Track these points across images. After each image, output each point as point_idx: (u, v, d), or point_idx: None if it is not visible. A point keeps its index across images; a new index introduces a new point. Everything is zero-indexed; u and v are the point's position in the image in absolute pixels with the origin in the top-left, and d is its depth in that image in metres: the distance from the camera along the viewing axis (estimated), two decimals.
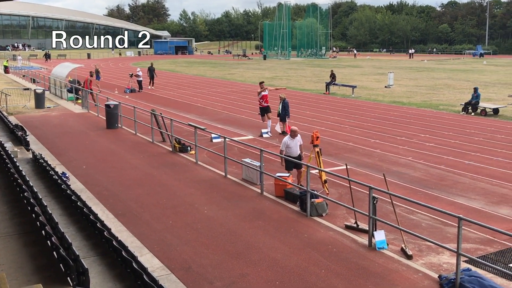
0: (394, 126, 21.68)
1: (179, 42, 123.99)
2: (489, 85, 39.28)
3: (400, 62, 76.63)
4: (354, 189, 11.52)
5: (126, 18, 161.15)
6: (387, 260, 8.55)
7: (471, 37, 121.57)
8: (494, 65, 68.32)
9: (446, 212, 8.67)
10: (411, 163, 15.41)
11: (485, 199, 11.95)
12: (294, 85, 41.45)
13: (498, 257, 8.80)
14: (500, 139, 18.98)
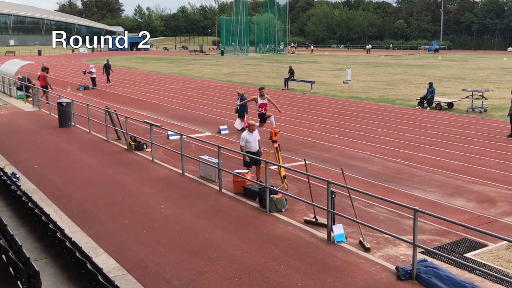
0: (352, 121, 22.05)
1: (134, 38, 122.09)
2: (443, 80, 40.45)
3: (357, 58, 77.93)
4: (313, 184, 11.67)
5: (79, 13, 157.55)
6: (345, 254, 8.71)
7: (426, 33, 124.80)
8: (448, 60, 70.41)
9: (402, 204, 8.90)
10: (369, 157, 15.72)
11: (440, 191, 12.32)
12: (253, 81, 41.55)
13: (453, 248, 9.09)
14: (454, 132, 19.59)
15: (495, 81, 38.93)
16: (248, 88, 35.51)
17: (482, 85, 35.07)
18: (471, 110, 24.75)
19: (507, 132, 18.83)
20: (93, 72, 35.39)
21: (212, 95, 32.15)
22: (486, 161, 15.07)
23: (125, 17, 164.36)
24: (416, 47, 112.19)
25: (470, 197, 11.86)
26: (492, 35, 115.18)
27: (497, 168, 14.31)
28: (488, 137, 18.52)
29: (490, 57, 78.56)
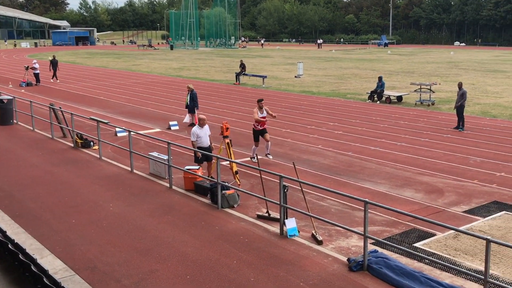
0: (304, 115, 22.31)
1: (80, 32, 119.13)
2: (393, 74, 41.49)
3: (309, 52, 78.81)
4: (266, 179, 11.77)
5: (20, 7, 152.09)
6: (298, 247, 8.82)
7: (376, 28, 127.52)
8: (398, 54, 72.24)
9: (353, 197, 9.09)
10: (321, 151, 15.95)
11: (390, 183, 12.66)
12: (203, 75, 41.36)
13: (402, 238, 9.37)
14: (403, 125, 20.14)
15: (442, 75, 40.25)
16: (198, 83, 35.34)
17: (430, 78, 36.20)
18: (420, 103, 25.50)
19: (454, 124, 19.52)
20: (36, 67, 34.29)
21: (161, 90, 31.78)
22: (433, 153, 15.58)
23: (69, 11, 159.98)
24: (366, 42, 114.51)
25: (418, 188, 12.23)
26: (440, 29, 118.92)
27: (444, 160, 14.82)
28: (436, 130, 19.14)
29: (438, 51, 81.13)
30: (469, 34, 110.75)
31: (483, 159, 14.91)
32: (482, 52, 75.86)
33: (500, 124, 20.35)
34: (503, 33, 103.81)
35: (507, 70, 44.23)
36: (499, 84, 33.82)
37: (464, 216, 10.41)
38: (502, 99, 27.21)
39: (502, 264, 8.25)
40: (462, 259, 8.45)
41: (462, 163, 14.47)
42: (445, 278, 7.74)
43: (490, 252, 6.54)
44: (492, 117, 21.95)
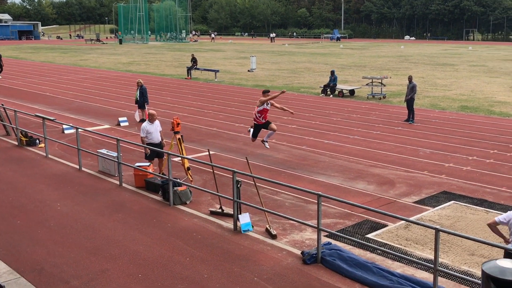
0: None
1: (23, 26, 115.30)
2: (345, 68, 42.18)
3: (262, 46, 79.06)
4: (219, 174, 11.77)
5: None
6: (252, 242, 8.87)
7: (328, 22, 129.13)
8: (350, 48, 73.44)
9: (306, 190, 9.22)
10: (275, 145, 16.06)
11: (343, 176, 12.90)
12: (154, 70, 40.87)
13: (355, 229, 9.57)
14: (356, 118, 20.53)
15: (393, 69, 41.22)
16: (149, 77, 34.90)
17: (381, 72, 36.99)
18: (371, 97, 26.04)
19: (404, 117, 20.04)
20: None
21: (110, 86, 31.20)
22: (385, 145, 15.96)
23: (11, 3, 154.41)
24: (319, 36, 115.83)
25: (371, 180, 12.51)
26: (390, 24, 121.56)
27: (395, 152, 15.20)
28: (387, 122, 19.61)
29: (389, 45, 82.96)
30: (419, 28, 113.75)
31: (432, 150, 15.37)
32: (431, 46, 78.10)
33: (448, 116, 21.03)
34: (451, 27, 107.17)
35: (455, 63, 45.73)
36: (448, 77, 34.93)
37: (414, 207, 10.73)
38: (450, 91, 28.12)
39: (451, 252, 8.55)
40: (413, 248, 8.71)
41: (412, 154, 14.88)
42: (396, 268, 7.96)
43: (439, 241, 6.76)
44: (441, 109, 22.65)
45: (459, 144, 16.07)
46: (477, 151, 15.23)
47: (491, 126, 18.90)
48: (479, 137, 17.00)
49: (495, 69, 40.14)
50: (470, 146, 15.85)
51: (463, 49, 69.35)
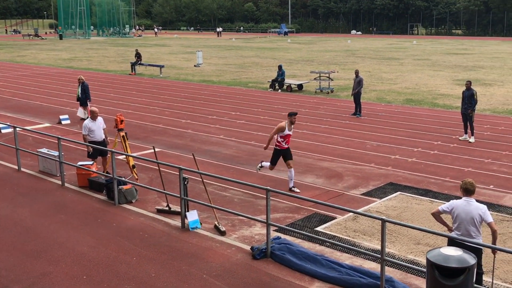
0: (205, 105, 22.32)
1: None
2: (293, 62, 42.59)
3: (208, 41, 78.74)
4: (165, 172, 11.68)
5: None
6: (200, 239, 8.85)
7: (275, 16, 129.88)
8: (297, 43, 74.17)
9: (255, 185, 9.28)
10: (223, 141, 16.07)
11: None
12: (96, 66, 40.01)
13: (305, 223, 9.71)
14: (304, 113, 20.78)
15: (340, 63, 41.95)
16: (91, 74, 34.16)
17: (329, 67, 37.59)
18: (319, 91, 26.43)
19: (352, 111, 20.46)
20: None
21: (50, 83, 30.32)
22: (333, 139, 16.24)
23: None
24: (266, 30, 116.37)
25: (319, 174, 12.72)
26: (337, 18, 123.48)
27: (343, 145, 15.51)
28: (335, 116, 19.96)
29: (336, 39, 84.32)
30: (365, 23, 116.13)
31: (379, 143, 15.77)
32: (377, 41, 79.92)
33: (394, 109, 21.61)
34: (396, 22, 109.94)
35: (401, 58, 46.99)
36: (393, 71, 35.86)
37: (362, 199, 10.98)
38: (396, 85, 28.89)
39: (398, 242, 8.81)
40: (361, 239, 8.92)
41: (359, 147, 15.22)
42: (345, 259, 8.14)
43: (385, 231, 6.95)
44: (387, 102, 23.25)
45: (405, 137, 16.55)
46: (422, 142, 15.73)
47: (435, 118, 19.56)
48: (424, 129, 17.57)
49: (439, 63, 41.52)
50: (415, 138, 16.36)
51: (408, 43, 71.33)
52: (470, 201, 6.74)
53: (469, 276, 5.59)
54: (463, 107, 15.93)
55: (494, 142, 15.66)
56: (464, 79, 26.95)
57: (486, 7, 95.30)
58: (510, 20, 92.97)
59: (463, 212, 6.68)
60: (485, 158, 14.04)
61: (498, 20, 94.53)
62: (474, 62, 41.59)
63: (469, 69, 36.83)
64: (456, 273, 5.57)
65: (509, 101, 23.30)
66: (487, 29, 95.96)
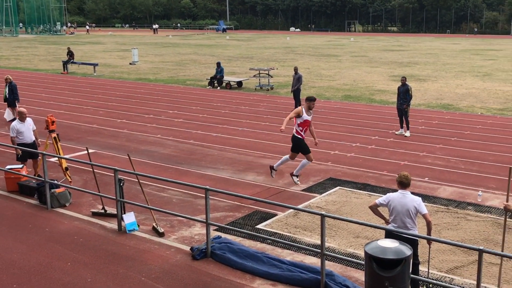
0: (141, 104, 21.99)
1: None
2: (232, 59, 42.64)
3: (144, 38, 77.61)
4: (100, 174, 11.44)
5: None
6: (138, 242, 8.72)
7: (213, 13, 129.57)
8: (236, 40, 74.32)
9: (193, 185, 9.24)
10: (160, 140, 15.89)
11: (233, 168, 13.07)
12: (25, 65, 38.63)
13: (245, 221, 9.75)
14: (244, 110, 20.86)
15: (280, 60, 42.36)
16: (20, 73, 32.96)
17: (268, 64, 37.90)
18: (259, 88, 26.59)
19: (292, 108, 20.67)
20: None
21: None
22: (274, 136, 16.38)
23: None
24: (204, 27, 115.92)
25: (260, 171, 12.81)
26: (276, 15, 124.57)
27: (284, 142, 15.64)
28: (275, 113, 20.13)
29: (275, 36, 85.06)
30: (303, 20, 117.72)
31: (319, 139, 15.91)
32: (315, 38, 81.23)
33: (333, 105, 22.04)
34: (334, 19, 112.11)
35: (339, 54, 47.98)
36: (332, 68, 36.57)
37: (303, 194, 11.15)
38: (335, 81, 29.48)
39: (338, 236, 9.00)
40: (302, 235, 9.05)
41: None
42: (286, 256, 8.24)
43: (325, 226, 7.08)
44: (326, 99, 23.68)
45: (344, 132, 16.91)
46: (360, 138, 16.13)
47: (372, 113, 20.10)
48: (362, 125, 18.02)
49: (375, 59, 42.68)
50: (353, 133, 16.75)
51: (345, 40, 72.92)
52: (405, 193, 6.96)
53: (405, 267, 5.79)
54: (399, 102, 16.44)
55: (428, 136, 16.26)
56: (399, 75, 27.81)
57: (420, 4, 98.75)
58: (442, 17, 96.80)
59: (399, 204, 6.90)
60: (420, 151, 14.56)
61: (432, 17, 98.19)
62: (409, 59, 43.02)
63: (404, 65, 38.07)
64: (393, 265, 5.75)
65: (442, 96, 24.27)
66: (421, 26, 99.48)
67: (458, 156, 14.06)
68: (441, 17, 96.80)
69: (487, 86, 27.13)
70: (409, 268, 5.87)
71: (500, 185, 11.57)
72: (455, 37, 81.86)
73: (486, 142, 15.62)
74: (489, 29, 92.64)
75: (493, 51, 50.53)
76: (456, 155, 14.21)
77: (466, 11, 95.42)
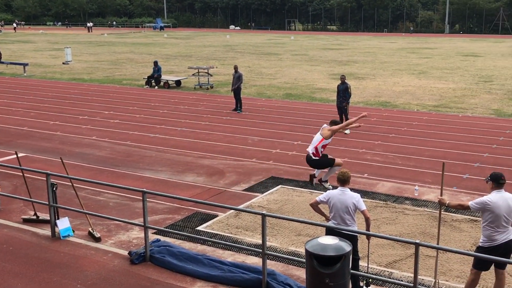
0: (76, 105, 21.44)
1: None
2: (170, 58, 42.25)
3: (78, 36, 75.70)
4: (32, 178, 11.06)
5: None
6: (73, 248, 8.49)
7: (150, 10, 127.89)
8: (174, 38, 73.70)
9: (130, 188, 9.08)
10: (96, 142, 15.55)
11: (172, 169, 12.94)
12: None
13: (185, 223, 9.67)
14: (183, 109, 20.71)
15: (220, 58, 42.33)
16: None
17: (208, 62, 37.80)
18: (199, 87, 26.48)
19: (232, 107, 20.72)
20: None
21: None
22: (214, 136, 16.35)
23: None
24: (141, 25, 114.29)
25: (200, 172, 12.74)
26: (215, 13, 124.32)
27: (224, 141, 15.67)
28: (215, 112, 20.10)
29: (214, 34, 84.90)
30: (243, 18, 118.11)
31: (260, 138, 16.14)
32: (256, 36, 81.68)
33: (274, 104, 22.23)
34: (274, 17, 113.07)
35: (279, 53, 48.44)
36: (273, 66, 36.87)
37: (244, 194, 11.17)
38: (275, 80, 29.74)
39: (280, 235, 9.08)
40: (243, 235, 9.07)
41: (241, 143, 15.47)
42: (227, 257, 8.23)
43: (266, 226, 7.12)
44: (267, 97, 23.86)
45: (285, 130, 17.08)
46: (302, 136, 16.33)
47: (313, 111, 20.41)
48: (303, 123, 18.26)
49: (315, 58, 43.38)
50: (295, 131, 16.95)
51: (286, 38, 73.71)
52: (344, 190, 7.10)
53: (345, 262, 5.90)
54: (338, 100, 16.77)
55: (367, 133, 16.67)
56: (339, 73, 28.38)
57: (358, 4, 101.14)
58: (380, 17, 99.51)
59: (338, 201, 7.03)
60: (359, 148, 14.91)
61: (369, 16, 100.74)
62: (348, 57, 43.98)
63: (344, 63, 38.88)
64: (333, 261, 5.86)
65: (380, 93, 24.94)
66: (360, 25, 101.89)
67: (395, 152, 14.50)
68: (378, 16, 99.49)
69: (423, 84, 28.10)
70: (349, 264, 5.99)
71: (435, 180, 12.01)
72: (392, 36, 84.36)
73: (422, 138, 16.18)
74: (424, 28, 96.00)
75: (428, 50, 52.39)
76: (393, 151, 14.64)
77: (402, 11, 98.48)
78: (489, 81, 29.23)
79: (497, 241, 6.50)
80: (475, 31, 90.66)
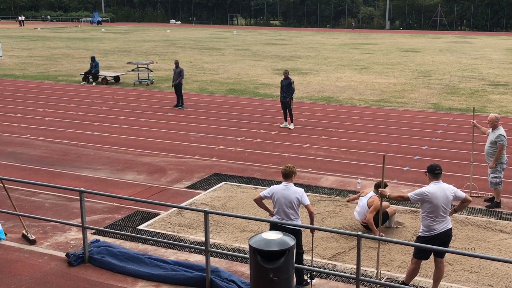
0: (7, 103, 20.71)
1: None
2: (109, 53, 41.42)
3: (9, 31, 73.08)
4: None
5: None
6: (5, 251, 8.21)
7: (87, 4, 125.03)
8: (113, 32, 72.30)
9: (66, 187, 8.86)
10: (30, 141, 15.08)
11: (111, 168, 12.71)
12: None
13: (126, 223, 9.53)
14: (122, 106, 20.35)
15: (160, 53, 41.84)
16: None
17: (148, 57, 37.30)
18: (138, 83, 26.09)
19: (174, 103, 20.53)
20: None
21: None
22: (155, 133, 16.17)
23: None
24: (78, 19, 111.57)
25: (141, 170, 12.57)
26: (155, 7, 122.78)
27: (166, 138, 15.52)
28: (156, 109, 19.87)
29: (154, 29, 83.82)
30: (184, 13, 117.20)
31: (203, 134, 16.07)
32: (197, 30, 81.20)
33: (217, 99, 22.18)
34: (216, 12, 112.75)
35: (222, 48, 48.35)
36: (215, 61, 36.77)
37: (186, 192, 11.11)
38: (218, 75, 29.67)
39: (224, 232, 9.08)
40: (186, 233, 9.02)
41: (183, 140, 15.36)
42: (170, 255, 8.17)
43: (208, 223, 7.11)
44: (210, 93, 23.78)
45: (229, 126, 17.08)
46: (245, 131, 16.38)
47: (257, 107, 20.50)
48: (247, 118, 18.31)
49: (259, 53, 43.56)
50: (239, 127, 16.97)
51: (228, 33, 73.62)
52: (288, 185, 7.17)
53: (289, 257, 5.96)
54: (282, 95, 16.91)
55: (311, 128, 16.91)
56: (282, 68, 28.68)
57: None
58: (322, 12, 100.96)
59: (282, 196, 7.09)
60: (303, 143, 15.10)
61: (312, 11, 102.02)
62: (292, 52, 44.40)
63: (287, 59, 39.23)
64: (277, 256, 5.90)
65: (323, 88, 25.32)
66: (302, 20, 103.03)
67: (339, 147, 14.77)
68: (321, 11, 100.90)
69: (365, 79, 28.73)
70: (293, 258, 6.06)
71: (377, 172, 12.31)
72: (335, 31, 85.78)
73: (364, 132, 16.55)
74: (366, 24, 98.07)
75: (370, 45, 53.58)
76: (337, 145, 14.91)
77: (344, 6, 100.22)
78: (428, 76, 30.20)
79: (436, 231, 6.73)
80: (414, 27, 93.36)
